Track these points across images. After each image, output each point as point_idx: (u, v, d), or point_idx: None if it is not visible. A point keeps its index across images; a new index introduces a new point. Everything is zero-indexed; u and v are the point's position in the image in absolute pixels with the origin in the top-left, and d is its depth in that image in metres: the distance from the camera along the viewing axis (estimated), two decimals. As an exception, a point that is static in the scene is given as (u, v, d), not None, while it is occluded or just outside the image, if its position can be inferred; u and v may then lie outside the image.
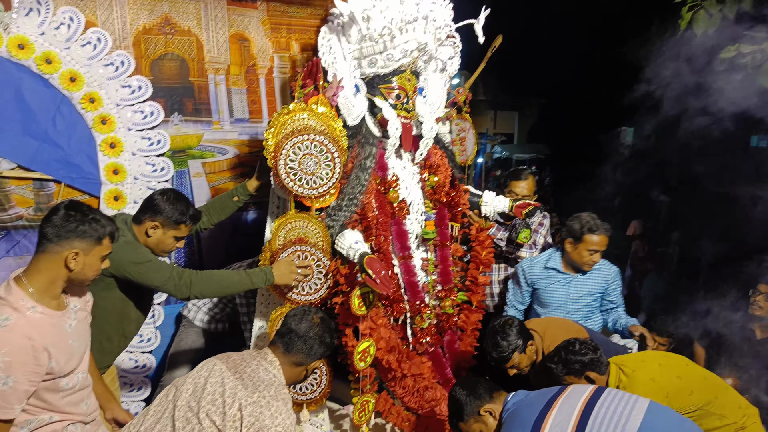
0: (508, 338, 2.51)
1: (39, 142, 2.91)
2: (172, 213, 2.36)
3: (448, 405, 2.17)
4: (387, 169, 2.74)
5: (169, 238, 2.40)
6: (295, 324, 1.99)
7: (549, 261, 3.17)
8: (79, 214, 1.78)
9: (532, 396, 2.01)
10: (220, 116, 3.40)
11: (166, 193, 2.42)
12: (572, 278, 3.13)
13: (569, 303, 3.13)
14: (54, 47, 2.85)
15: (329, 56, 2.56)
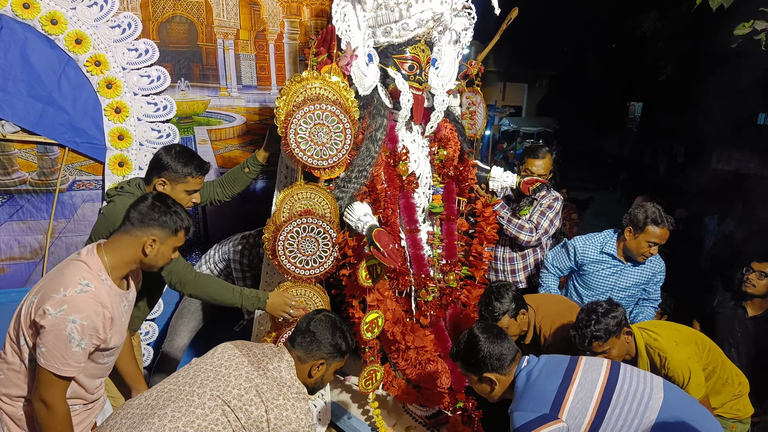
0: (502, 300, 2.59)
1: (44, 105, 2.87)
2: (176, 166, 2.34)
3: (466, 344, 2.09)
4: (397, 142, 2.70)
5: (180, 193, 2.37)
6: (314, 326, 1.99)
7: (606, 246, 3.09)
8: (164, 206, 1.94)
9: (543, 367, 2.00)
10: (228, 82, 3.35)
11: (171, 148, 2.39)
12: (623, 267, 3.07)
13: (615, 291, 3.08)
14: (60, 7, 2.78)
15: (343, 24, 2.50)
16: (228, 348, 1.94)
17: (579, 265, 3.16)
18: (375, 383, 2.59)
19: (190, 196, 2.43)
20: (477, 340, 2.06)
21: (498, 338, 2.07)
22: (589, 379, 1.92)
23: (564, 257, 3.21)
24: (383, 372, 2.63)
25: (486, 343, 2.04)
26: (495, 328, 2.14)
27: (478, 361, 2.05)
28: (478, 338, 2.06)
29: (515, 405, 1.96)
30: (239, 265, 3.14)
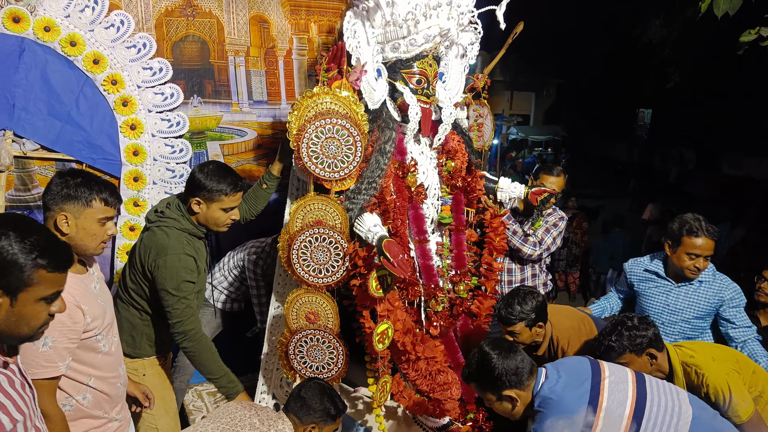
0: (523, 306, 2.55)
1: (62, 123, 2.96)
2: (210, 185, 2.36)
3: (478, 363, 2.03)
4: (405, 154, 2.75)
5: (216, 212, 2.40)
6: (305, 393, 2.21)
7: (651, 263, 2.97)
8: (73, 179, 1.85)
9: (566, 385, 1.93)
10: (239, 98, 3.42)
11: (205, 167, 2.41)
12: (674, 287, 2.87)
13: (666, 313, 2.88)
14: (79, 29, 2.88)
15: (353, 40, 2.56)
16: (239, 408, 2.11)
17: (630, 286, 3.05)
18: (385, 394, 2.62)
19: (228, 213, 2.45)
20: (489, 357, 2.00)
21: (510, 352, 2.01)
22: (617, 401, 1.86)
23: (622, 279, 3.15)
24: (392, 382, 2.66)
25: (499, 360, 1.98)
26: (504, 342, 2.08)
27: (494, 379, 1.98)
28: (489, 355, 2.00)
29: (540, 425, 1.90)
30: (253, 274, 3.19)
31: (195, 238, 2.46)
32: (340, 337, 2.62)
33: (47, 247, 1.26)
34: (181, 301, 2.34)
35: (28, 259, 1.21)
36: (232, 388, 2.45)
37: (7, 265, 1.18)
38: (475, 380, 2.05)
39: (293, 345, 2.62)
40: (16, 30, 2.77)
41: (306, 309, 2.59)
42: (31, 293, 1.23)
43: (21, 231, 1.21)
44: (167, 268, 2.30)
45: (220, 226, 2.48)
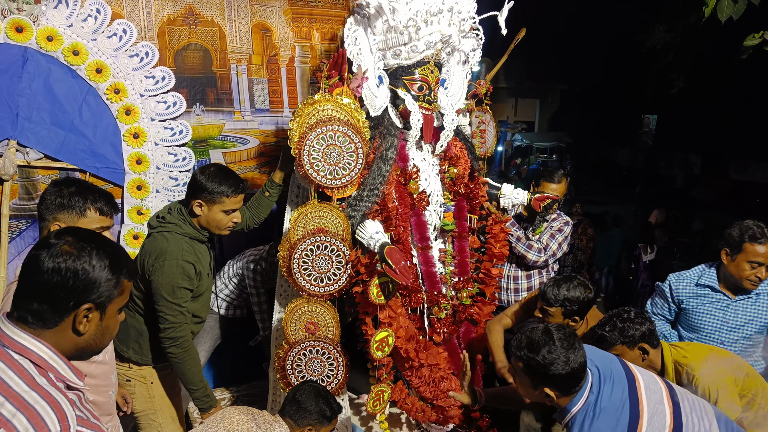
0: (570, 294, 2.46)
1: (66, 132, 2.97)
2: (210, 187, 2.37)
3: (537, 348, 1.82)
4: (407, 161, 2.75)
5: (217, 214, 2.41)
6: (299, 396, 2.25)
7: (702, 277, 2.73)
8: (67, 188, 1.86)
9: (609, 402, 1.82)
10: (241, 106, 3.43)
11: (206, 169, 2.43)
12: (731, 301, 2.66)
13: (725, 331, 2.66)
14: (81, 39, 2.90)
15: (355, 47, 2.57)
16: (236, 413, 2.11)
17: (678, 305, 2.81)
18: (382, 404, 2.60)
19: (230, 216, 2.46)
20: (553, 350, 1.79)
21: (574, 349, 1.80)
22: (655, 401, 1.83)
23: (660, 299, 2.90)
24: (390, 391, 2.64)
25: (561, 361, 1.78)
26: (574, 335, 1.85)
27: (546, 375, 1.81)
28: (555, 349, 1.79)
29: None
30: (253, 281, 3.19)
31: (197, 242, 2.46)
32: (341, 347, 2.60)
33: (125, 255, 1.30)
34: (174, 308, 2.34)
35: (119, 271, 1.25)
36: (206, 402, 2.43)
37: (101, 279, 1.21)
38: (524, 362, 1.85)
39: (291, 359, 2.58)
40: (19, 39, 2.79)
41: (306, 319, 2.56)
42: (116, 304, 1.28)
43: (102, 245, 1.24)
44: (164, 273, 2.31)
45: (222, 228, 2.48)
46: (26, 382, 1.12)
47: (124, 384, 2.46)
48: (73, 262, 1.17)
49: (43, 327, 1.19)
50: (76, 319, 1.20)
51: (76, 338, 1.22)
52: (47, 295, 1.17)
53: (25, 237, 3.00)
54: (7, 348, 1.16)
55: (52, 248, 1.18)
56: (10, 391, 1.10)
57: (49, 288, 1.16)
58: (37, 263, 1.17)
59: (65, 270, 1.17)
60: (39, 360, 1.17)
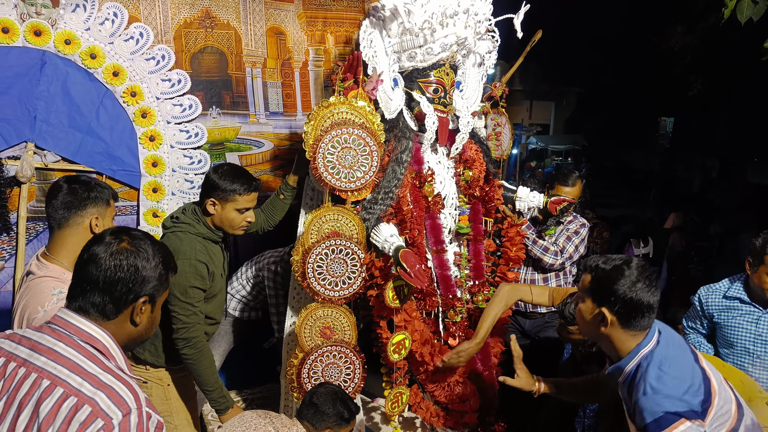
0: None
1: (83, 135, 3.00)
2: (223, 185, 2.37)
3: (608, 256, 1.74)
4: (422, 163, 2.73)
5: (230, 212, 2.42)
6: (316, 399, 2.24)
7: (730, 289, 2.66)
8: (83, 185, 1.99)
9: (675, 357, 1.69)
10: (256, 109, 3.44)
11: (219, 168, 2.44)
12: (762, 313, 2.58)
13: (760, 344, 2.58)
14: (99, 42, 2.92)
15: (370, 50, 2.56)
16: (254, 417, 2.14)
17: (710, 318, 2.74)
18: (401, 406, 2.59)
19: (243, 215, 2.46)
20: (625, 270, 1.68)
21: (646, 283, 1.67)
22: (725, 397, 1.71)
23: (693, 313, 2.85)
24: (409, 394, 2.62)
25: (630, 281, 1.66)
26: (654, 275, 1.73)
27: (610, 291, 1.68)
28: (627, 270, 1.68)
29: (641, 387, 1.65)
30: (273, 282, 3.19)
31: (210, 242, 2.46)
32: (357, 350, 2.59)
33: (171, 255, 1.44)
34: (187, 307, 2.34)
35: (168, 267, 1.39)
36: (223, 403, 2.44)
37: (156, 275, 1.33)
38: (596, 273, 1.75)
39: (307, 367, 2.54)
40: (38, 43, 2.82)
41: (321, 323, 2.54)
42: (163, 297, 1.40)
43: (154, 243, 1.36)
44: (177, 272, 2.30)
45: (235, 228, 2.48)
46: (99, 366, 1.22)
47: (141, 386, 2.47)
48: (134, 259, 1.29)
49: (104, 319, 1.28)
50: (134, 311, 1.31)
51: (131, 329, 1.33)
52: (109, 289, 1.27)
53: (42, 239, 3.03)
54: (73, 335, 1.24)
55: (111, 245, 1.29)
56: (86, 373, 1.19)
57: (112, 283, 1.27)
58: (96, 259, 1.27)
59: (126, 266, 1.28)
60: (103, 348, 1.26)
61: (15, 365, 1.21)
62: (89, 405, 1.14)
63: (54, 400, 1.14)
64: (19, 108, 2.84)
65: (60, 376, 1.17)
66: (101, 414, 1.13)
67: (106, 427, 1.12)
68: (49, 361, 1.20)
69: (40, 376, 1.18)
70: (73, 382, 1.17)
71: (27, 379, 1.18)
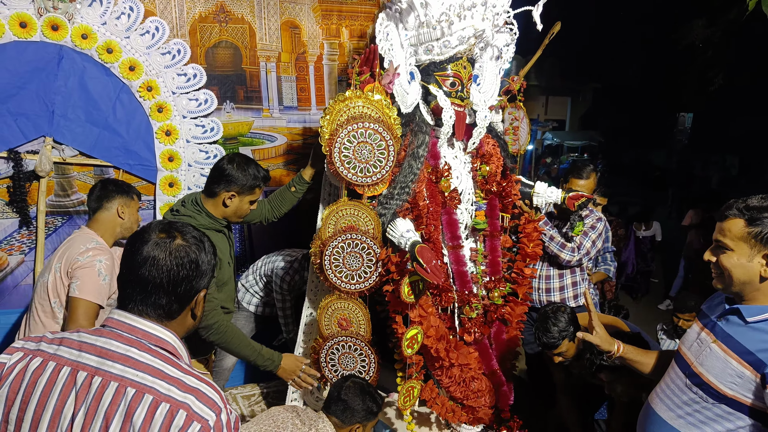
0: (559, 324, 2.56)
1: (100, 130, 3.01)
2: (245, 179, 2.41)
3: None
4: (439, 158, 2.70)
5: (245, 204, 2.47)
6: (345, 395, 2.24)
7: None
8: (113, 183, 2.60)
9: None
10: (270, 104, 3.43)
11: (234, 159, 2.44)
12: None
13: None
14: (115, 36, 2.93)
15: (386, 43, 2.53)
16: (281, 411, 2.17)
17: None
18: (413, 399, 2.57)
19: (252, 205, 2.52)
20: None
21: None
22: None
23: None
24: (420, 388, 2.60)
25: None
26: None
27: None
28: None
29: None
30: (279, 288, 3.18)
31: (213, 231, 2.47)
32: (372, 345, 2.58)
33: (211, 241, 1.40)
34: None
35: (216, 257, 1.37)
36: (271, 364, 2.47)
37: (210, 266, 1.33)
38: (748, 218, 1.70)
39: (325, 352, 2.59)
40: (55, 38, 2.83)
41: (338, 315, 2.57)
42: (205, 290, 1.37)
43: (201, 235, 1.34)
44: None
45: (242, 217, 2.54)
46: (177, 369, 1.19)
47: None
48: (194, 255, 1.27)
49: (167, 318, 1.25)
50: (196, 305, 1.30)
51: (191, 323, 1.32)
52: (175, 289, 1.24)
53: (60, 233, 3.05)
54: (142, 340, 1.21)
55: (167, 245, 1.24)
56: (170, 377, 1.17)
57: (177, 282, 1.24)
58: (157, 262, 1.22)
59: (188, 263, 1.25)
60: (173, 349, 1.24)
61: (86, 374, 1.16)
62: (183, 409, 1.12)
63: (146, 407, 1.12)
64: (38, 103, 2.86)
65: (145, 383, 1.14)
66: (196, 417, 1.12)
67: (203, 429, 1.12)
68: (127, 368, 1.16)
69: (122, 384, 1.14)
70: (161, 388, 1.14)
71: (107, 388, 1.14)
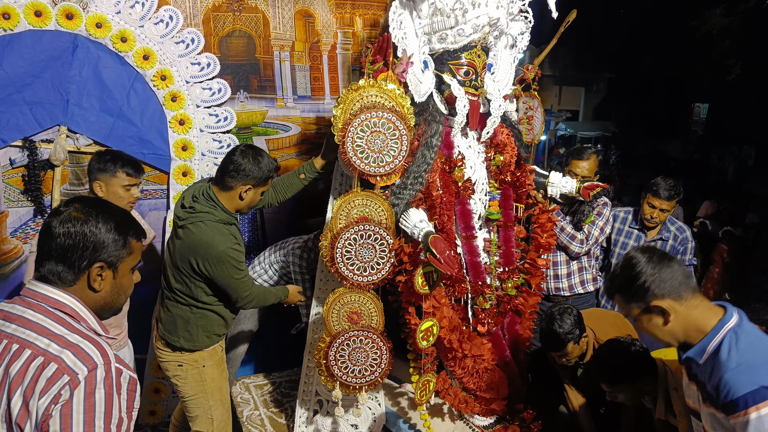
0: (564, 326, 2.53)
1: (114, 119, 3.02)
2: (260, 172, 2.40)
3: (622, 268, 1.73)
4: (453, 148, 2.68)
5: (258, 195, 2.48)
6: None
7: None
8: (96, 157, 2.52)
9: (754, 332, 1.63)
10: (284, 93, 3.43)
11: (246, 153, 2.40)
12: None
13: None
14: (129, 25, 2.93)
15: (399, 32, 2.51)
16: None
17: None
18: (429, 393, 2.57)
19: (262, 195, 2.54)
20: (635, 262, 1.69)
21: (663, 259, 1.69)
22: None
23: None
24: (436, 382, 2.60)
25: (648, 265, 1.66)
26: (658, 250, 1.75)
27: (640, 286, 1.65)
28: (636, 260, 1.69)
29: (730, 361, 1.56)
30: (298, 267, 3.19)
31: (228, 224, 2.45)
32: (384, 336, 2.57)
33: (130, 218, 1.43)
34: (245, 280, 2.45)
35: (125, 232, 1.37)
36: (284, 295, 2.77)
37: (109, 240, 1.33)
38: (618, 289, 1.74)
39: (334, 350, 2.53)
40: (70, 27, 2.84)
41: (348, 309, 2.53)
42: (127, 263, 1.39)
43: (107, 210, 1.37)
44: (222, 262, 2.32)
45: (252, 207, 2.55)
46: (66, 328, 1.26)
47: (176, 369, 2.50)
48: (81, 226, 1.30)
49: (64, 285, 1.31)
50: (90, 277, 1.32)
51: (93, 295, 1.34)
52: (62, 257, 1.29)
53: (75, 221, 3.08)
54: (41, 303, 1.28)
55: (61, 215, 1.31)
56: (53, 335, 1.23)
57: (63, 250, 1.29)
58: (50, 229, 1.30)
59: (75, 233, 1.29)
60: (72, 311, 1.30)
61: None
62: (55, 362, 1.18)
63: (22, 361, 1.19)
64: (53, 92, 2.88)
65: (28, 339, 1.22)
66: (67, 370, 1.17)
67: (72, 382, 1.16)
68: (19, 327, 1.25)
69: (10, 342, 1.23)
70: (41, 343, 1.21)
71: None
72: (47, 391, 1.15)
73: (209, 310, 2.47)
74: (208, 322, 2.49)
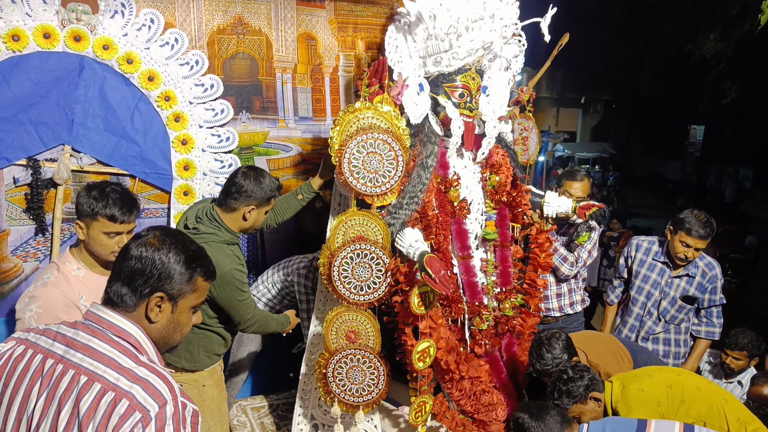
0: (553, 351, 2.53)
1: (118, 138, 3.07)
2: (262, 192, 2.44)
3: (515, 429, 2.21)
4: (448, 168, 2.72)
5: (262, 215, 2.52)
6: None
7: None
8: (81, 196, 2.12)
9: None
10: (285, 114, 3.49)
11: (248, 174, 2.45)
12: None
13: None
14: (135, 47, 3.00)
15: (395, 55, 2.57)
16: None
17: None
18: (425, 415, 2.57)
19: (266, 215, 2.58)
20: (522, 422, 2.16)
21: (541, 411, 2.16)
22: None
23: None
24: (432, 403, 2.60)
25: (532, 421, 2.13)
26: (534, 404, 2.23)
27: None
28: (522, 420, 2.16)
29: None
30: (303, 287, 3.21)
31: (233, 245, 2.50)
32: (381, 357, 2.58)
33: (204, 256, 1.41)
34: (248, 303, 2.47)
35: (193, 268, 1.36)
36: (286, 322, 2.78)
37: (175, 272, 1.33)
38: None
39: (332, 367, 2.56)
40: (77, 48, 2.91)
41: (346, 327, 2.55)
42: (189, 300, 1.37)
43: (183, 242, 1.37)
44: (227, 283, 2.36)
45: (255, 228, 2.58)
46: (133, 361, 1.25)
47: None
48: (153, 252, 1.31)
49: (125, 310, 1.31)
50: (149, 306, 1.31)
51: (149, 326, 1.33)
52: (129, 280, 1.30)
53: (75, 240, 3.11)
54: (106, 330, 1.28)
55: (140, 239, 1.33)
56: (122, 368, 1.22)
57: (132, 273, 1.30)
58: (127, 251, 1.32)
59: (145, 258, 1.30)
60: (135, 342, 1.29)
61: (53, 362, 1.24)
62: (127, 399, 1.17)
63: (93, 395, 1.18)
64: (58, 111, 2.93)
65: (97, 372, 1.21)
66: (138, 407, 1.17)
67: (143, 419, 1.16)
68: (86, 357, 1.24)
69: (77, 372, 1.22)
70: (110, 377, 1.20)
71: (65, 375, 1.22)
72: (120, 428, 1.14)
73: (211, 330, 2.49)
74: (209, 342, 2.51)
